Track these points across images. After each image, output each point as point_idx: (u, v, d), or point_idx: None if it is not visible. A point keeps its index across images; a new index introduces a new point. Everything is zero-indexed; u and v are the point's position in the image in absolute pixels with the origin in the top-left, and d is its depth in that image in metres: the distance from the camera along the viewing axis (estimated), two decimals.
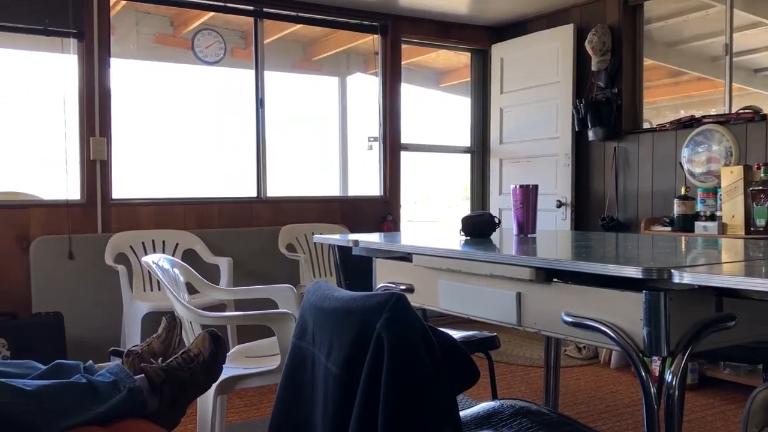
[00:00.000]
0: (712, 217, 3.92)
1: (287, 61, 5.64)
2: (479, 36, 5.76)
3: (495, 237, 2.32)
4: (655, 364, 3.64)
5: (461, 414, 1.53)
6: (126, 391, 1.61)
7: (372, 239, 2.33)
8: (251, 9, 4.83)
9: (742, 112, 4.10)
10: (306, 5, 4.97)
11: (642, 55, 4.81)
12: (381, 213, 5.33)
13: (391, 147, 5.41)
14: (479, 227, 2.28)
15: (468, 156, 5.97)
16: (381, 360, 1.14)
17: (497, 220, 2.31)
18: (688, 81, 5.19)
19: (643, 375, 1.37)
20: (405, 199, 5.57)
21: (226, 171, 5.08)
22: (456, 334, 2.67)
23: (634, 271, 1.37)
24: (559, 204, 5.10)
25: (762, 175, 3.63)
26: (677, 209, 4.05)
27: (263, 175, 4.91)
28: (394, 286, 2.09)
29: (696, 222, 3.96)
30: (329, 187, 5.45)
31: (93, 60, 4.25)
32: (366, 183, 5.47)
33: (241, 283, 4.12)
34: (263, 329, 2.42)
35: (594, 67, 4.83)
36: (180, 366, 1.73)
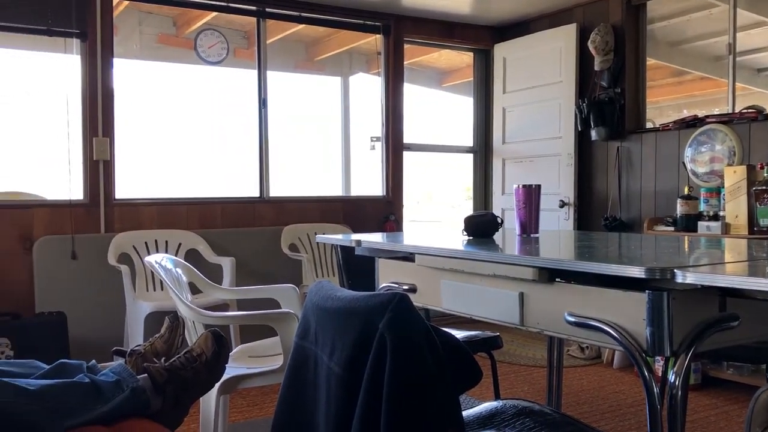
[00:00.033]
0: (715, 217, 3.92)
1: (290, 61, 5.65)
2: (482, 36, 5.75)
3: (498, 237, 2.32)
4: (658, 364, 3.63)
5: (464, 414, 1.53)
6: (129, 391, 1.61)
7: (374, 239, 2.33)
8: (254, 9, 4.84)
9: (745, 111, 4.09)
10: (308, 5, 4.97)
11: (645, 55, 4.81)
12: (383, 213, 5.33)
13: (394, 147, 5.41)
14: (482, 227, 2.28)
15: (471, 156, 5.97)
16: (384, 360, 1.14)
17: (500, 220, 2.31)
18: (691, 80, 5.18)
19: (646, 375, 1.37)
20: (407, 199, 5.57)
21: (228, 171, 5.08)
22: (459, 334, 2.67)
23: (637, 271, 1.36)
24: (562, 204, 5.10)
25: (765, 175, 3.62)
26: (680, 209, 4.05)
27: (266, 175, 4.91)
28: (396, 286, 2.09)
29: (699, 222, 3.95)
30: (332, 187, 5.45)
31: (96, 60, 4.25)
32: (368, 183, 5.47)
33: (244, 283, 4.12)
34: (266, 329, 2.42)
35: (597, 67, 4.83)
36: (183, 366, 1.73)
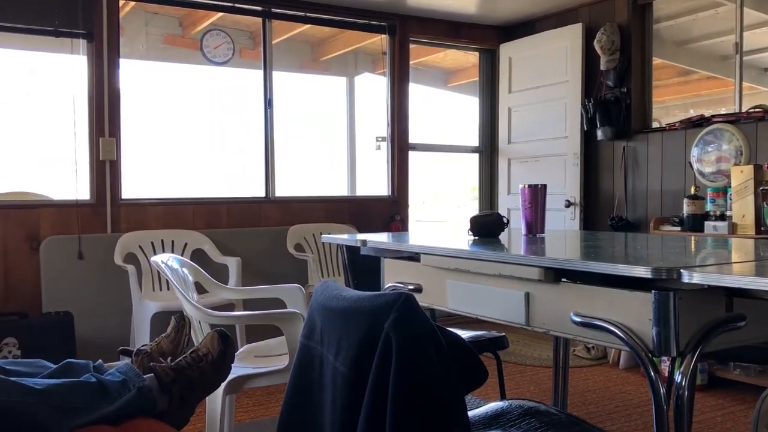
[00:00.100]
0: (722, 217, 3.90)
1: (295, 62, 5.65)
2: (487, 35, 5.75)
3: (503, 237, 2.31)
4: (665, 364, 3.62)
5: (469, 414, 1.53)
6: (135, 391, 1.61)
7: (380, 239, 2.33)
8: (259, 9, 4.85)
9: (752, 111, 4.07)
10: (314, 5, 4.97)
11: (651, 54, 4.79)
12: (389, 213, 5.33)
13: (399, 147, 5.41)
14: (487, 227, 2.28)
15: (476, 156, 5.96)
16: (389, 360, 1.14)
17: (506, 219, 2.31)
18: (697, 80, 5.16)
19: (653, 375, 1.37)
20: (413, 199, 5.57)
21: (234, 171, 5.09)
22: (464, 334, 2.66)
23: (643, 271, 1.36)
24: (568, 204, 5.09)
25: None
26: (687, 209, 4.03)
27: (271, 175, 4.92)
28: (402, 285, 2.09)
29: (706, 222, 3.94)
30: (337, 187, 5.45)
31: (102, 61, 4.27)
32: (374, 183, 5.47)
33: (250, 283, 4.13)
34: (272, 329, 2.43)
35: (603, 67, 4.81)
36: (189, 365, 1.73)
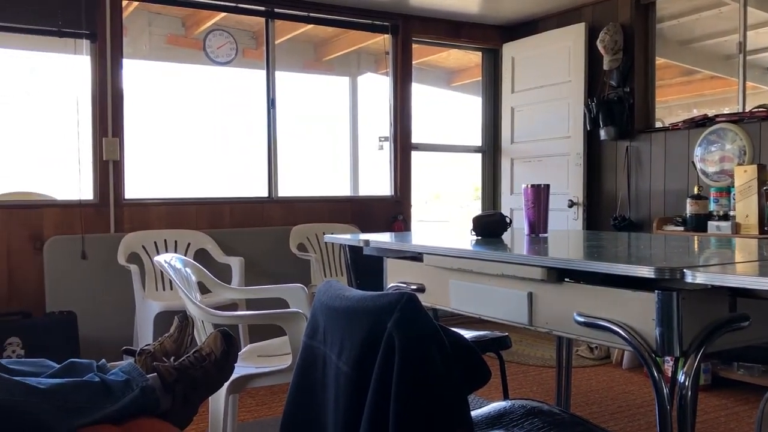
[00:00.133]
0: (725, 217, 3.90)
1: (298, 62, 5.66)
2: (490, 35, 5.74)
3: (506, 237, 2.31)
4: (668, 364, 3.61)
5: (472, 414, 1.53)
6: (139, 390, 1.62)
7: (383, 239, 2.33)
8: (262, 9, 4.85)
9: (755, 110, 4.07)
10: (317, 5, 4.98)
11: (654, 54, 4.79)
12: (392, 213, 5.33)
13: (402, 147, 5.41)
14: (490, 227, 2.28)
15: (479, 155, 5.96)
16: (392, 359, 1.14)
17: (508, 219, 2.31)
18: (700, 79, 5.15)
19: (656, 375, 1.36)
20: (416, 199, 5.57)
21: (237, 171, 5.10)
22: (467, 333, 2.66)
23: (646, 271, 1.36)
24: (571, 203, 5.08)
25: None
26: (690, 209, 4.03)
27: (274, 175, 4.92)
28: (405, 285, 2.09)
29: (709, 222, 3.93)
30: (340, 187, 5.45)
31: (106, 61, 4.27)
32: (377, 183, 5.47)
33: (253, 283, 4.13)
34: (275, 328, 2.43)
35: (606, 66, 4.81)
36: (192, 365, 1.73)
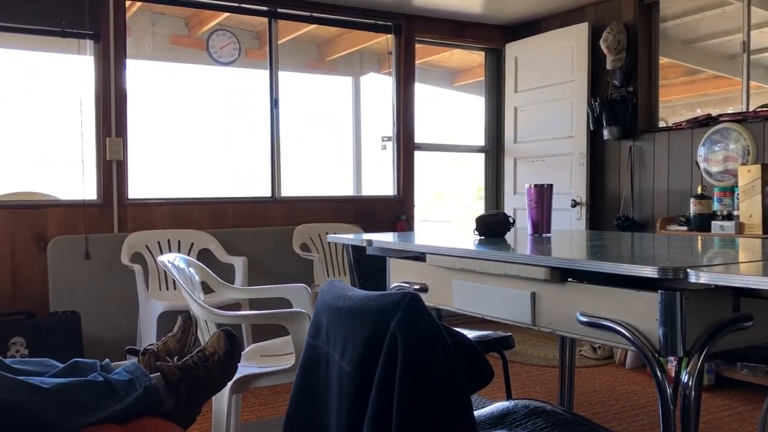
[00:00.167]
0: (729, 217, 3.89)
1: (301, 62, 5.66)
2: (493, 35, 5.74)
3: (509, 237, 2.31)
4: (671, 364, 3.61)
5: (475, 414, 1.53)
6: (142, 390, 1.62)
7: (386, 239, 2.33)
8: (265, 9, 4.85)
9: (759, 110, 4.06)
10: (320, 5, 4.98)
11: (657, 54, 4.78)
12: (395, 213, 5.33)
13: (405, 146, 5.41)
14: (493, 227, 2.28)
15: (482, 155, 5.96)
16: (395, 359, 1.14)
17: (512, 219, 2.30)
18: (704, 79, 5.14)
19: (659, 375, 1.36)
20: (419, 199, 5.57)
21: (240, 171, 5.10)
22: (470, 333, 2.66)
23: (649, 271, 1.36)
24: (574, 203, 5.08)
25: None
26: (693, 208, 4.02)
27: (277, 175, 4.93)
28: (408, 285, 2.09)
29: (713, 221, 3.92)
30: (343, 187, 5.45)
31: (109, 61, 4.28)
32: (380, 183, 5.47)
33: (256, 283, 4.14)
34: (278, 328, 2.43)
35: (609, 66, 4.80)
36: (195, 364, 1.74)
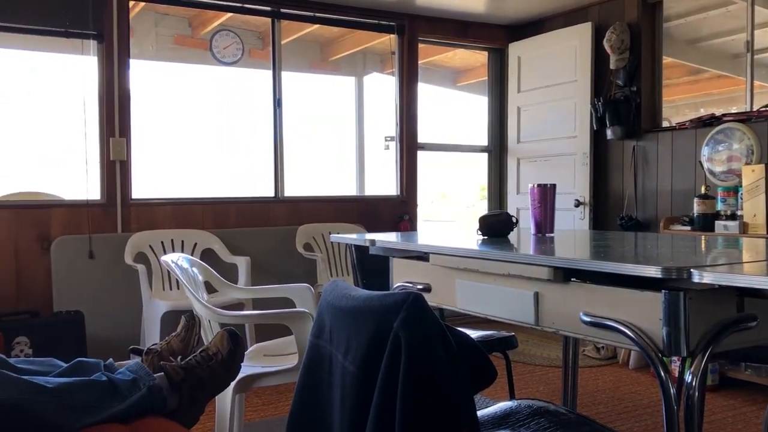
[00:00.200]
0: (732, 217, 3.88)
1: (304, 62, 5.66)
2: (496, 35, 5.74)
3: (512, 236, 2.31)
4: (675, 364, 3.60)
5: (478, 414, 1.53)
6: (146, 389, 1.62)
7: (389, 239, 2.33)
8: (268, 10, 4.86)
9: (763, 109, 4.05)
10: (323, 5, 4.98)
11: (661, 53, 4.77)
12: (398, 212, 5.33)
13: (408, 146, 5.41)
14: (497, 227, 2.28)
15: (485, 155, 5.95)
16: (398, 359, 1.14)
17: (515, 219, 2.30)
18: (708, 79, 5.13)
19: (663, 375, 1.36)
20: (422, 199, 5.57)
21: (243, 171, 5.11)
22: (473, 333, 2.66)
23: (653, 271, 1.35)
24: (578, 203, 5.07)
25: None
26: (697, 208, 4.01)
27: (281, 175, 4.93)
28: (411, 285, 2.09)
29: (716, 221, 3.91)
30: (346, 187, 5.46)
31: (113, 61, 4.29)
32: (383, 182, 5.47)
33: (259, 283, 4.14)
34: (281, 328, 2.43)
35: (612, 66, 4.80)
36: (199, 364, 1.74)
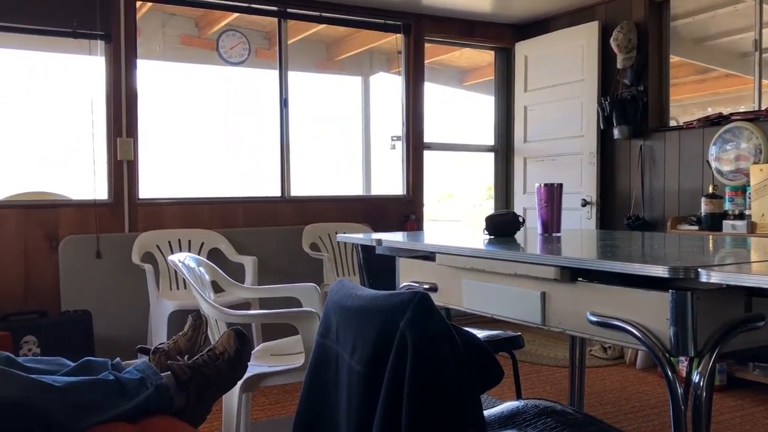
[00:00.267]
0: (740, 216, 3.86)
1: (311, 61, 5.67)
2: (503, 34, 5.73)
3: (519, 236, 2.31)
4: (682, 364, 3.59)
5: (485, 413, 1.53)
6: (153, 388, 1.63)
7: (395, 238, 2.33)
8: (275, 10, 4.86)
9: None
10: (329, 5, 4.98)
11: (668, 52, 4.75)
12: (404, 212, 5.33)
13: (415, 146, 5.41)
14: (503, 226, 2.27)
15: (492, 155, 5.95)
16: (404, 358, 1.14)
17: (521, 219, 2.30)
18: (715, 78, 5.11)
19: (670, 375, 1.36)
20: (428, 198, 5.56)
21: (250, 171, 5.11)
22: (480, 333, 2.66)
23: (660, 271, 1.35)
24: (584, 203, 5.06)
25: None
26: (705, 208, 4.00)
27: (287, 175, 4.94)
28: (417, 285, 2.09)
29: (724, 221, 3.90)
30: (352, 187, 5.46)
31: (120, 61, 4.30)
32: (389, 182, 5.47)
33: (266, 282, 4.15)
34: (288, 327, 2.43)
35: (619, 65, 4.78)
36: (206, 363, 1.74)
